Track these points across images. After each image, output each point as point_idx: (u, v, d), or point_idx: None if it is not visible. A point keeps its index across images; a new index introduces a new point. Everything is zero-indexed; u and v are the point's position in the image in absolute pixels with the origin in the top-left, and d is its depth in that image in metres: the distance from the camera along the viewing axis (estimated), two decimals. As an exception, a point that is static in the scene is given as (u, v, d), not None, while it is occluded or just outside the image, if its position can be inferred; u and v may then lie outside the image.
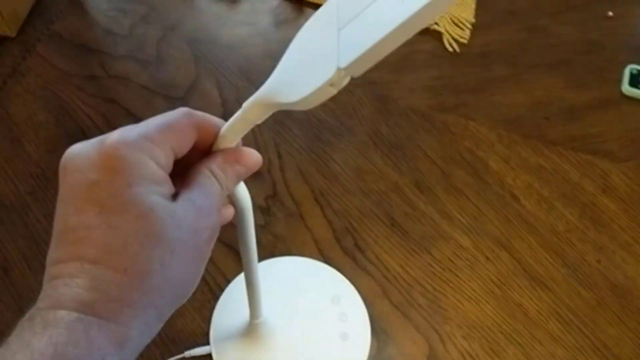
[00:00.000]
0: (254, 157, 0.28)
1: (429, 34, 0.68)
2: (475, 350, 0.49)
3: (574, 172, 0.58)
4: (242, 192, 0.31)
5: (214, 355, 0.47)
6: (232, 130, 0.27)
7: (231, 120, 0.27)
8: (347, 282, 0.51)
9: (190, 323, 0.49)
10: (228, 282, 0.51)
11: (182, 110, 0.26)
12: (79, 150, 0.24)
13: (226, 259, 0.53)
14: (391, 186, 0.57)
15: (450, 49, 0.67)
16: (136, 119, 0.62)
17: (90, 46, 0.68)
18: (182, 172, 0.26)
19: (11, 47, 0.67)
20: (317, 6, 0.70)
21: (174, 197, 0.25)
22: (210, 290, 0.51)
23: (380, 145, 0.60)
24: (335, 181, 0.58)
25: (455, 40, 0.68)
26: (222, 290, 0.51)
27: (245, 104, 0.26)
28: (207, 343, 0.48)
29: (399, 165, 0.59)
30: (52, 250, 0.24)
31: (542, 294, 0.51)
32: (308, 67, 0.23)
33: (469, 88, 0.64)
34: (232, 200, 0.31)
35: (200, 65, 0.66)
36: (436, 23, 0.68)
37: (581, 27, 0.70)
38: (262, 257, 0.53)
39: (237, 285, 0.50)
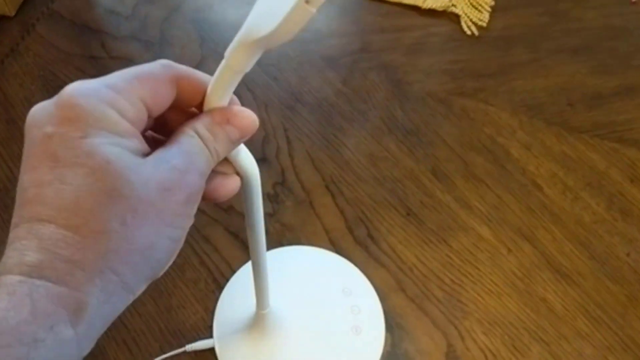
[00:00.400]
0: (248, 117, 0.25)
1: (446, 17, 0.65)
2: (496, 347, 0.45)
3: (600, 160, 0.55)
4: (247, 160, 0.28)
5: (217, 349, 0.44)
6: (218, 84, 0.24)
7: (216, 73, 0.24)
8: (359, 273, 0.48)
9: (192, 315, 0.46)
10: (233, 272, 0.48)
11: (160, 61, 0.23)
12: (40, 106, 0.22)
13: (231, 247, 0.50)
14: (406, 173, 0.54)
15: (469, 32, 0.64)
16: (138, 101, 0.59)
17: (91, 26, 0.65)
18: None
19: (10, 27, 0.65)
20: (328, -13, 0.67)
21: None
22: (214, 280, 0.48)
23: (394, 131, 0.57)
24: (347, 168, 0.55)
25: (474, 23, 0.64)
26: (226, 280, 0.48)
27: (227, 52, 0.23)
28: (210, 336, 0.45)
29: (414, 151, 0.56)
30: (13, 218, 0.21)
31: (567, 289, 0.48)
32: None
33: (488, 72, 0.61)
34: (237, 170, 0.28)
35: (206, 46, 0.63)
36: (454, 5, 0.65)
37: (604, 11, 0.67)
38: (270, 247, 0.49)
39: (243, 276, 0.47)
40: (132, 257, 0.21)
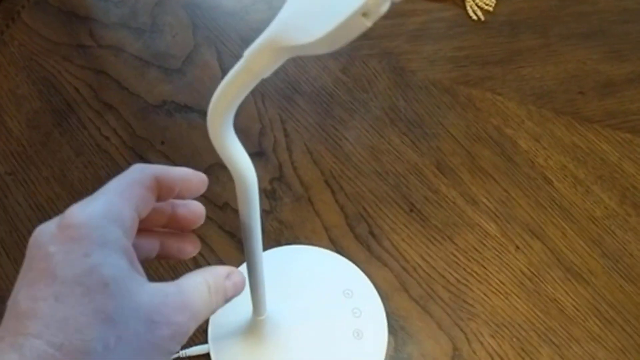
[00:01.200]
0: (243, 277, 0.28)
1: (451, 1, 0.62)
2: (505, 351, 0.43)
3: (612, 152, 0.52)
4: (245, 163, 0.25)
5: (212, 355, 0.42)
6: (232, 86, 0.21)
7: (231, 74, 0.21)
8: (361, 273, 0.46)
9: (186, 318, 0.44)
10: (229, 272, 0.46)
11: (136, 166, 0.25)
12: (43, 227, 0.22)
13: (227, 247, 0.48)
14: (410, 167, 0.52)
15: (475, 17, 0.61)
16: (128, 92, 0.56)
17: (79, 13, 0.62)
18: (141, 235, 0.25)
19: (-7, 15, 0.62)
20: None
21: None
22: (209, 281, 0.46)
23: (397, 122, 0.54)
24: (348, 162, 0.52)
25: (480, 8, 0.61)
26: (222, 282, 0.46)
27: (247, 52, 0.20)
28: (205, 341, 0.43)
29: (418, 144, 0.53)
30: None
31: (579, 288, 0.46)
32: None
33: (495, 60, 0.58)
34: (233, 174, 0.26)
35: (199, 33, 0.60)
36: (458, -12, 0.62)
37: (617, -7, 0.64)
38: (267, 246, 0.47)
39: (239, 277, 0.45)
40: None
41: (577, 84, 0.57)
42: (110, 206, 0.22)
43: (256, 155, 0.52)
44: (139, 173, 0.24)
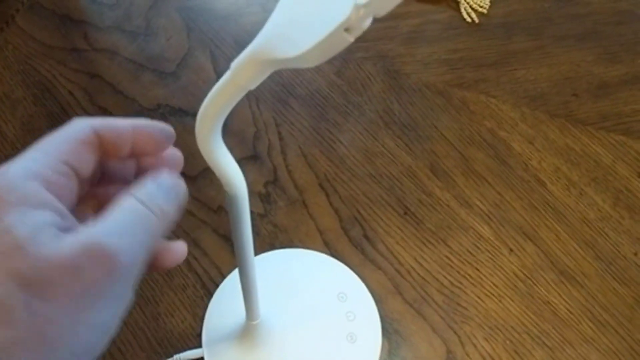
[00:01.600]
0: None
1: (445, 3, 0.62)
2: (498, 354, 0.44)
3: (605, 154, 0.53)
4: (233, 170, 0.25)
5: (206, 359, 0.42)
6: (219, 97, 0.21)
7: (218, 85, 0.21)
8: (355, 277, 0.46)
9: (180, 323, 0.44)
10: (223, 277, 0.46)
11: (73, 121, 0.23)
12: None
13: (221, 251, 0.48)
14: (404, 170, 0.52)
15: (469, 19, 0.61)
16: (122, 95, 0.56)
17: (73, 17, 0.62)
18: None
19: (-13, 18, 0.62)
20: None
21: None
22: (203, 286, 0.46)
23: (391, 125, 0.54)
24: (342, 165, 0.52)
25: (474, 10, 0.61)
26: (216, 286, 0.46)
27: (234, 64, 0.21)
28: (199, 346, 0.43)
29: (412, 147, 0.53)
30: None
31: (572, 290, 0.46)
32: (312, 10, 0.18)
33: (489, 62, 0.58)
34: (221, 180, 0.26)
35: (193, 36, 0.60)
36: (453, -10, 0.62)
37: (611, -5, 0.64)
38: (261, 250, 0.47)
39: (233, 281, 0.45)
40: (41, 352, 0.18)
41: (571, 86, 0.57)
42: (30, 163, 0.21)
43: (251, 158, 0.52)
44: (73, 127, 0.22)
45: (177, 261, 0.24)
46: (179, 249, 0.24)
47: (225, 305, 0.44)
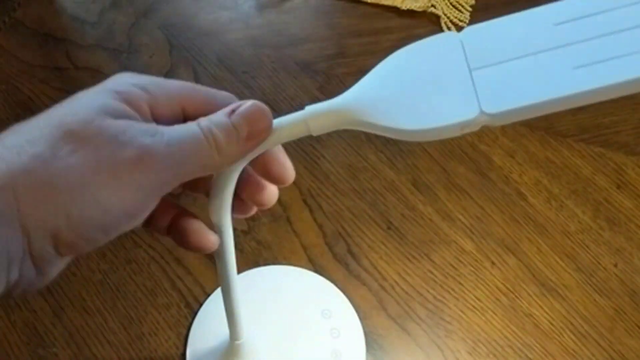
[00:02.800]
0: (254, 105, 0.26)
1: (426, 17, 0.63)
2: (481, 367, 0.44)
3: (585, 166, 0.53)
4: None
5: (191, 380, 0.42)
6: (286, 129, 0.22)
7: (288, 118, 0.22)
8: (339, 293, 0.46)
9: (163, 342, 0.44)
10: (207, 295, 0.46)
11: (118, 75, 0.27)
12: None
13: (205, 269, 0.48)
14: (387, 185, 0.52)
15: (449, 34, 0.62)
16: (105, 114, 0.56)
17: (56, 35, 0.62)
18: None
19: (-32, 37, 0.62)
20: (303, -12, 0.64)
21: None
22: (187, 304, 0.46)
23: (374, 140, 0.55)
24: (326, 181, 0.53)
25: (454, 24, 0.62)
26: (200, 305, 0.46)
27: (311, 108, 0.21)
28: (184, 366, 0.43)
29: (394, 161, 0.54)
30: None
31: (554, 303, 0.47)
32: (427, 91, 0.18)
33: (469, 76, 0.59)
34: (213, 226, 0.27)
35: (176, 53, 0.60)
36: (433, 5, 0.62)
37: (589, 8, 0.65)
38: (245, 267, 0.48)
39: (216, 300, 0.45)
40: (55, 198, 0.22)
41: (551, 98, 0.58)
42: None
43: (234, 175, 0.53)
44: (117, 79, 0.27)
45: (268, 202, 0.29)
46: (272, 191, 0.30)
47: (208, 325, 0.44)
